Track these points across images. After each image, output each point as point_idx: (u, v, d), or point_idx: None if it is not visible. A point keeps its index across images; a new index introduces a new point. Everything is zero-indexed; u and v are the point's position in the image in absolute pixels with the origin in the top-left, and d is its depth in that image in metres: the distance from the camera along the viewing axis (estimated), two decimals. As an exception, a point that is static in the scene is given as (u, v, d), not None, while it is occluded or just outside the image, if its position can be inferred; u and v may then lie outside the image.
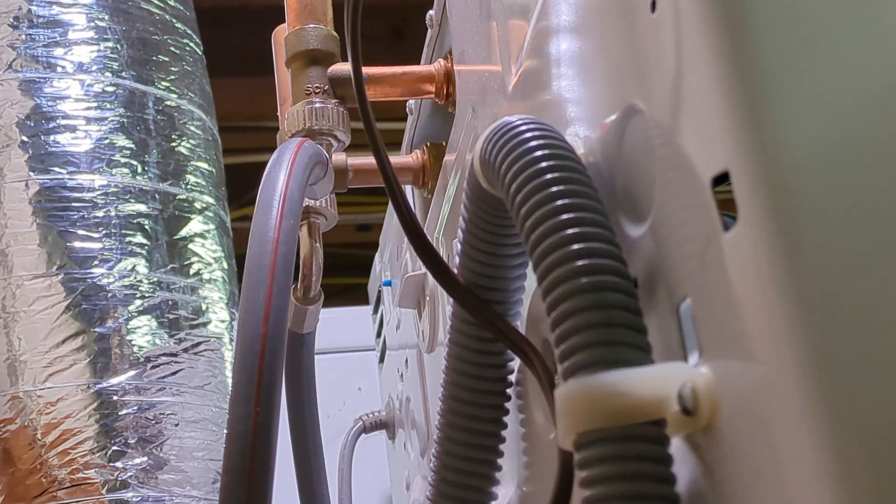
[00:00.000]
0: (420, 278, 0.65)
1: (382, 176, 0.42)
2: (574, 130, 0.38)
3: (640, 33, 0.32)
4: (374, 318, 0.98)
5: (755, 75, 0.27)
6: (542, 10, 0.41)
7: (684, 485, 0.29)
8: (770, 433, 0.26)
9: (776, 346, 0.25)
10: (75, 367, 0.91)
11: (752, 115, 0.26)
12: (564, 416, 0.30)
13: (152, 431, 0.92)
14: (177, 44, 1.07)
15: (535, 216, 0.32)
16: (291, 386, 0.68)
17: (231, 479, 0.39)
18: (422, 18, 0.66)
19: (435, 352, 0.64)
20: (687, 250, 0.30)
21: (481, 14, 0.51)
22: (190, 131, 1.05)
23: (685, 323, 0.30)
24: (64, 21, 1.00)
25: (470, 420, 0.42)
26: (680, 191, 0.30)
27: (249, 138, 2.04)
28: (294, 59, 0.63)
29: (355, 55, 0.43)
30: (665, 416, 0.29)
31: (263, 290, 0.42)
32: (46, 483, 0.89)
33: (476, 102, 0.53)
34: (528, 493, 0.45)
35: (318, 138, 0.61)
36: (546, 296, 0.32)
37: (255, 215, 0.46)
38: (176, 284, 0.98)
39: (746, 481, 0.27)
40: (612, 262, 0.31)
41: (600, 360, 0.30)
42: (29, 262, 0.93)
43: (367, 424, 0.92)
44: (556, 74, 0.40)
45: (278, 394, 0.41)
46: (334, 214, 0.67)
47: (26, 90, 0.98)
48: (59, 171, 0.96)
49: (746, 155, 0.26)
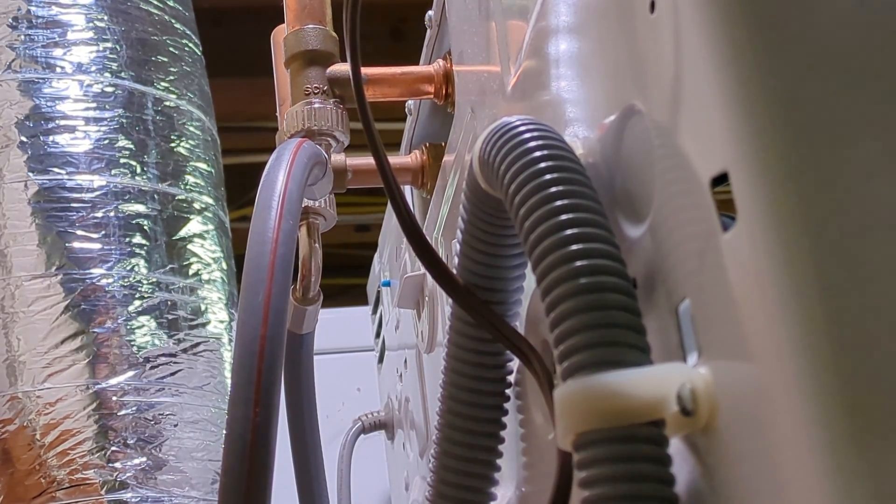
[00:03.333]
0: (419, 279, 0.65)
1: (381, 176, 0.42)
2: (573, 131, 0.38)
3: (639, 34, 0.32)
4: (373, 318, 0.98)
5: (754, 75, 0.27)
6: (542, 10, 0.41)
7: (683, 485, 0.29)
8: (769, 434, 0.26)
9: (775, 347, 0.25)
10: (74, 368, 0.91)
11: (751, 115, 0.26)
12: (563, 416, 0.30)
13: (151, 432, 0.92)
14: (176, 44, 1.07)
15: (534, 217, 0.32)
16: (290, 386, 0.68)
17: (230, 479, 0.39)
18: (421, 19, 0.66)
19: (434, 352, 0.64)
20: (686, 251, 0.30)
21: (480, 14, 0.51)
22: (189, 132, 1.05)
23: (684, 323, 0.30)
24: (63, 21, 1.00)
25: (468, 420, 0.42)
26: (679, 191, 0.30)
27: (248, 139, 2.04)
28: (293, 59, 0.63)
29: (354, 56, 0.43)
30: (664, 417, 0.29)
31: (262, 291, 0.42)
32: (45, 483, 0.89)
33: (475, 103, 0.53)
34: (527, 494, 0.45)
35: (318, 139, 0.61)
36: (545, 296, 0.32)
37: (254, 216, 0.46)
38: (175, 285, 0.98)
39: (745, 482, 0.27)
40: (611, 263, 0.31)
41: (599, 361, 0.30)
42: (28, 263, 0.93)
43: (366, 425, 0.92)
44: (555, 75, 0.40)
45: (277, 394, 0.41)
46: (333, 215, 0.67)
47: (25, 91, 0.98)
48: (58, 171, 0.95)
49: (746, 155, 0.26)
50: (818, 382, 0.24)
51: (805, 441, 0.24)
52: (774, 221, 0.26)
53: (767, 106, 0.26)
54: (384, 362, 0.93)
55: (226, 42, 1.78)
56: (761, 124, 0.26)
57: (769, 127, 0.26)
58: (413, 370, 0.74)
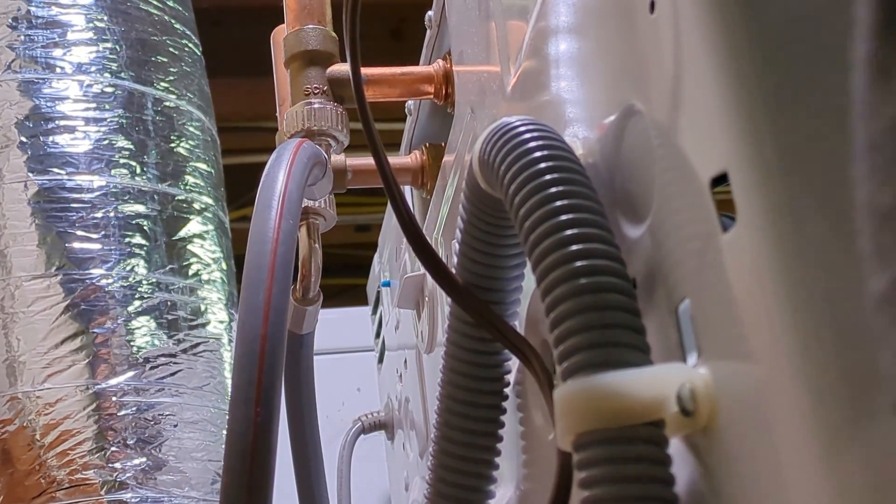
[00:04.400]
0: (419, 279, 0.65)
1: (381, 177, 0.42)
2: (573, 131, 0.38)
3: (639, 34, 0.32)
4: (373, 318, 0.98)
5: (753, 76, 0.27)
6: (541, 10, 0.41)
7: (683, 486, 0.29)
8: (769, 434, 0.26)
9: (775, 347, 0.25)
10: (74, 368, 0.91)
11: (750, 115, 0.26)
12: (563, 416, 0.30)
13: (151, 432, 0.92)
14: (176, 44, 1.07)
15: (534, 217, 0.32)
16: (290, 387, 0.68)
17: (231, 479, 0.40)
18: (421, 19, 0.66)
19: (434, 352, 0.64)
20: (686, 251, 0.30)
21: (480, 14, 0.51)
22: (189, 132, 1.05)
23: (684, 323, 0.30)
24: (63, 22, 1.00)
25: (466, 420, 0.42)
26: (679, 191, 0.30)
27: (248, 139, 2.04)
28: (293, 59, 0.63)
29: (354, 56, 0.43)
30: (664, 417, 0.29)
31: (263, 291, 0.42)
32: (45, 484, 0.89)
33: (475, 103, 0.53)
34: (527, 494, 0.45)
35: (317, 139, 0.61)
36: (545, 296, 0.32)
37: (254, 216, 0.46)
38: (175, 285, 0.98)
39: (745, 482, 0.27)
40: (610, 263, 0.31)
41: (599, 361, 0.30)
42: (28, 263, 0.93)
43: (366, 425, 0.92)
44: (555, 75, 0.40)
45: (278, 394, 0.41)
46: (333, 215, 0.67)
47: (25, 91, 0.98)
48: (57, 171, 0.96)
49: (745, 155, 0.26)
50: (818, 382, 0.24)
51: (805, 441, 0.24)
52: (774, 221, 0.26)
53: (767, 106, 0.26)
54: (384, 362, 0.93)
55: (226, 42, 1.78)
56: (761, 124, 0.26)
57: (769, 127, 0.26)
58: (413, 370, 0.74)
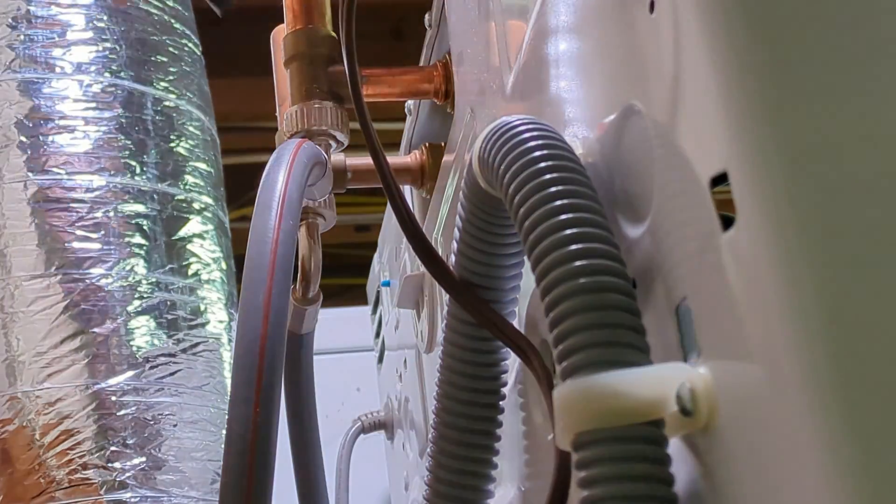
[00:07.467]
0: (419, 279, 0.65)
1: (380, 176, 0.43)
2: (573, 130, 0.38)
3: (639, 34, 0.32)
4: (373, 318, 0.98)
5: (753, 75, 0.27)
6: (541, 10, 0.41)
7: (683, 485, 0.29)
8: (769, 434, 0.26)
9: (774, 347, 0.25)
10: (74, 368, 0.91)
11: (750, 115, 0.26)
12: (562, 416, 0.30)
13: (150, 432, 0.92)
14: (175, 44, 1.07)
15: (534, 216, 0.32)
16: (290, 386, 0.68)
17: (231, 478, 0.40)
18: (421, 19, 0.66)
19: (433, 352, 0.64)
20: (686, 250, 0.30)
21: (480, 15, 0.51)
22: (188, 132, 1.05)
23: (684, 323, 0.30)
24: (62, 21, 1.00)
25: (464, 419, 0.42)
26: (679, 191, 0.30)
27: (248, 139, 2.04)
28: (293, 59, 0.63)
29: (350, 55, 0.43)
30: (663, 417, 0.29)
31: (263, 291, 0.42)
32: (45, 483, 0.89)
33: (475, 103, 0.53)
34: (527, 493, 0.45)
35: (317, 139, 0.61)
36: (544, 296, 0.32)
37: (254, 216, 0.46)
38: (174, 285, 0.98)
39: (745, 481, 0.27)
40: (610, 263, 0.31)
41: (599, 361, 0.30)
42: (27, 263, 0.93)
43: (365, 425, 0.92)
44: (555, 75, 0.40)
45: (278, 394, 0.41)
46: (333, 215, 0.67)
47: (25, 90, 0.97)
48: (57, 171, 0.95)
49: (745, 155, 0.26)
50: (818, 382, 0.24)
51: (805, 441, 0.24)
52: (774, 221, 0.26)
53: (767, 106, 0.26)
54: (384, 362, 0.93)
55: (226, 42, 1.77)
56: (761, 124, 0.26)
57: (769, 127, 0.26)
58: (413, 370, 0.74)
